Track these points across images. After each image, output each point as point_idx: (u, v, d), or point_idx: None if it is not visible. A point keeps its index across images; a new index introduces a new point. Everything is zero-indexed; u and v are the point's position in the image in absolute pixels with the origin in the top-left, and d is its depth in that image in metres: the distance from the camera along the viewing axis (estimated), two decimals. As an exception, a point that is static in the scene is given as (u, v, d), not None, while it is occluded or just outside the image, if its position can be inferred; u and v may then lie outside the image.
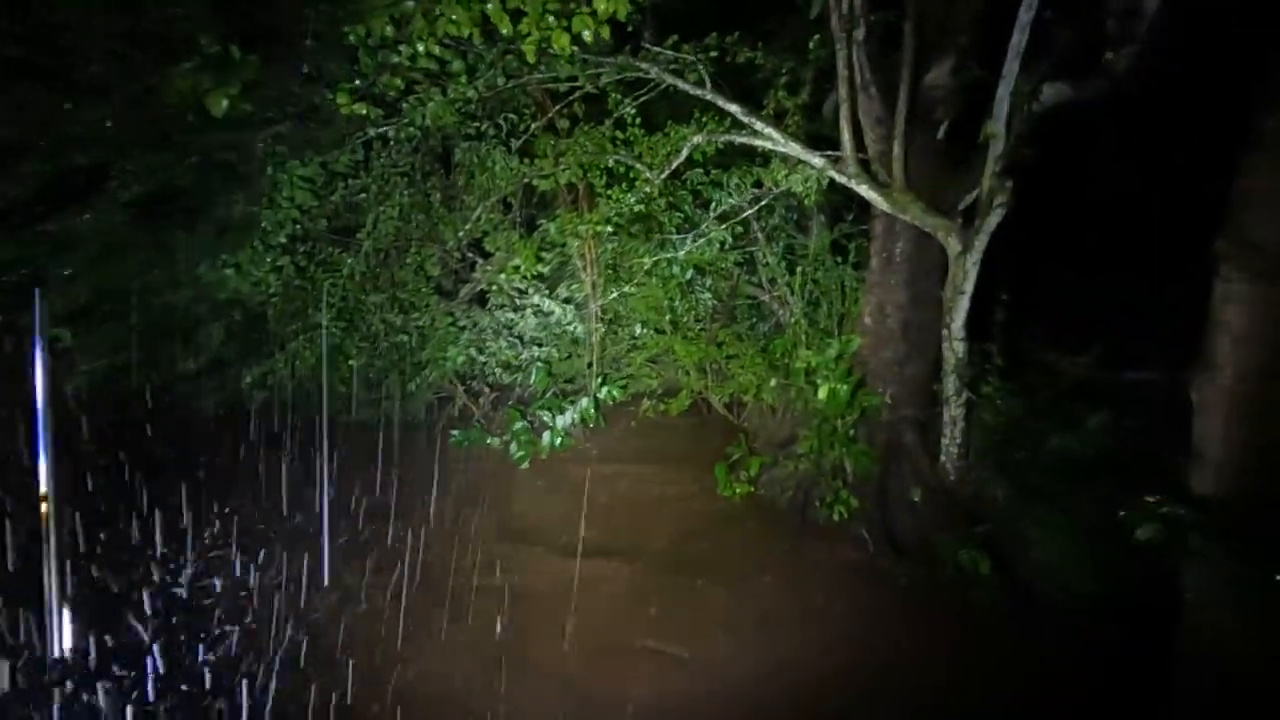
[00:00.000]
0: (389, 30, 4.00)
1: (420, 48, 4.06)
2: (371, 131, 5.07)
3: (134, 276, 4.61)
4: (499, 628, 4.01)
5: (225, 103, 3.72)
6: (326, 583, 4.10)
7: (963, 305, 4.76)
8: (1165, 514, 2.15)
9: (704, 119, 5.30)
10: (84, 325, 4.52)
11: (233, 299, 5.25)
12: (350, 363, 5.89)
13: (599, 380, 6.35)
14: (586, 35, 3.75)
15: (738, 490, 5.52)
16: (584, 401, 6.27)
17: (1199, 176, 3.36)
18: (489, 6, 3.74)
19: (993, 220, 4.54)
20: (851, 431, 5.23)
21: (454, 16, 3.80)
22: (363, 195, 5.46)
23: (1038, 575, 4.45)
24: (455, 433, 6.08)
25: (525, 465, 5.92)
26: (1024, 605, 4.27)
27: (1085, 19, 4.56)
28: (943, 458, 5.10)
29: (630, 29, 4.66)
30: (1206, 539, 2.01)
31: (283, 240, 5.14)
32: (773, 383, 5.91)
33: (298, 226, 5.20)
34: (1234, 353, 3.00)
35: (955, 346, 4.85)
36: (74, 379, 4.57)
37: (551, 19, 3.76)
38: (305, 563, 4.10)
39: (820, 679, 3.80)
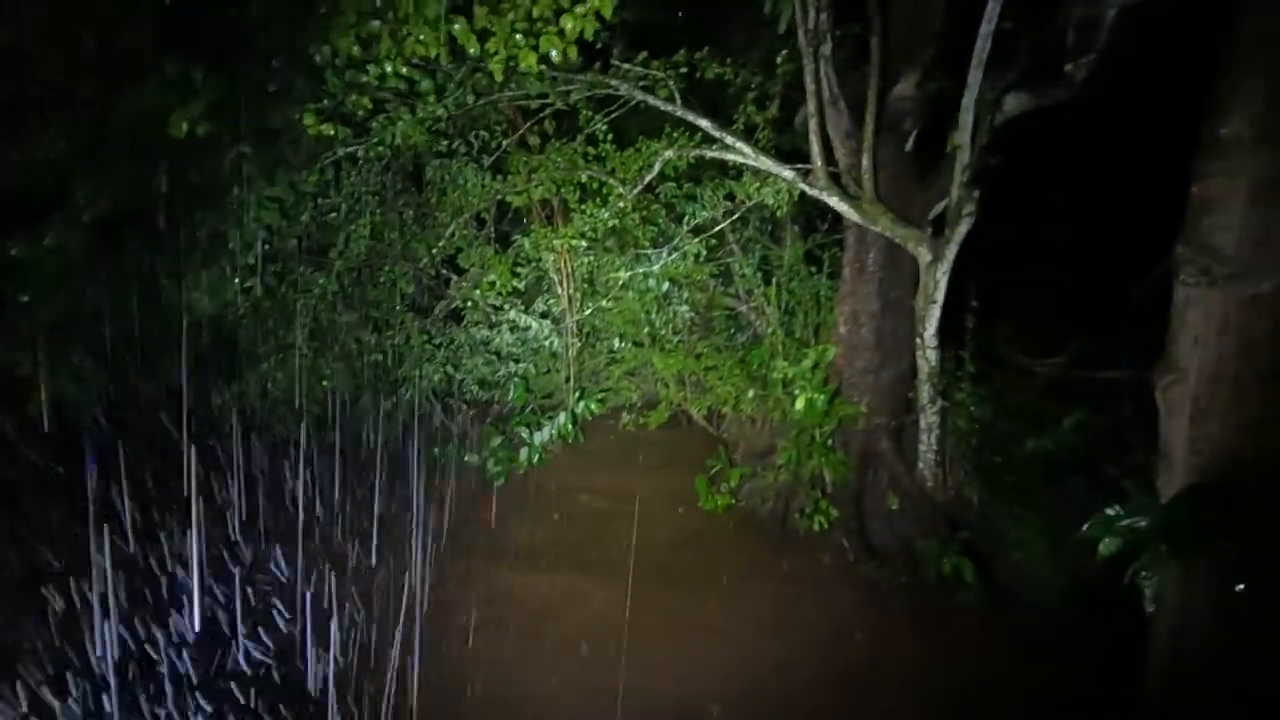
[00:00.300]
0: (356, 50, 3.98)
1: (388, 68, 4.05)
2: (340, 151, 5.04)
3: (97, 299, 4.53)
4: (477, 643, 3.96)
5: (185, 125, 3.68)
6: (297, 605, 4.02)
7: (934, 314, 4.81)
8: (1126, 526, 2.17)
9: (675, 134, 5.34)
10: (46, 349, 4.41)
11: (201, 320, 5.17)
12: (324, 383, 5.82)
13: (577, 395, 6.33)
14: (554, 54, 3.75)
15: (719, 502, 5.52)
16: (562, 416, 6.25)
17: (1161, 177, 3.43)
18: (456, 27, 3.73)
19: (962, 229, 4.60)
20: (829, 441, 5.25)
21: (421, 37, 3.79)
22: (333, 214, 5.42)
23: (1018, 579, 4.50)
24: (436, 449, 6.02)
25: (501, 482, 5.88)
26: (1005, 610, 4.32)
27: (1045, 30, 4.66)
28: (920, 464, 5.14)
29: (599, 46, 4.69)
30: (1167, 551, 2.03)
31: (251, 261, 5.08)
32: (751, 394, 5.93)
33: (266, 247, 5.15)
34: (1196, 356, 3.06)
35: (928, 355, 4.90)
36: (34, 403, 4.46)
37: (519, 38, 3.77)
38: (276, 584, 4.03)
39: (808, 689, 3.81)
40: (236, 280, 5.10)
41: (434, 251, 5.95)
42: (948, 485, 5.08)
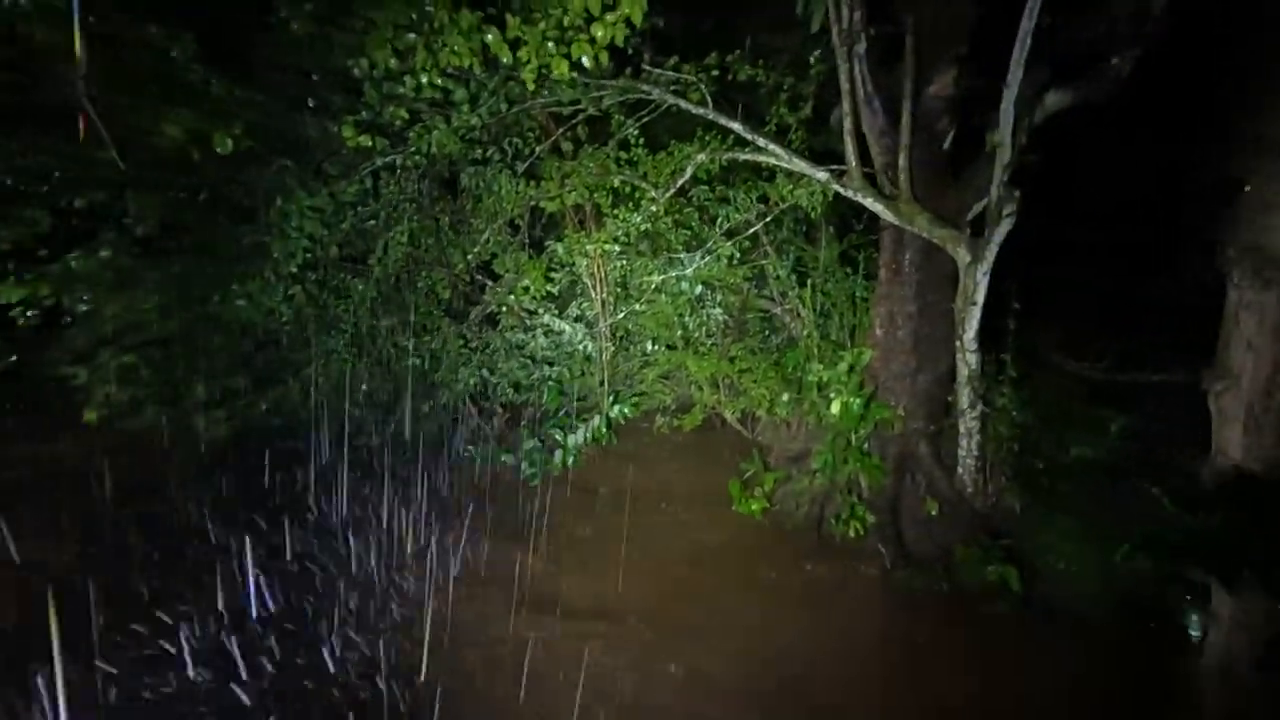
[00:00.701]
0: (393, 63, 4.06)
1: (424, 79, 4.12)
2: (379, 161, 5.15)
3: (147, 310, 4.71)
4: (515, 646, 4.01)
5: (230, 142, 3.81)
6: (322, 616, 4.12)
7: (974, 315, 4.71)
8: (1168, 545, 2.08)
9: (707, 137, 5.32)
10: (100, 360, 4.60)
11: (246, 328, 5.33)
12: (363, 386, 5.95)
13: (611, 398, 6.36)
14: (586, 61, 3.78)
15: (753, 506, 5.48)
16: (596, 419, 6.29)
17: (1205, 176, 3.31)
18: (489, 37, 3.78)
19: (1002, 229, 4.50)
20: (865, 445, 5.19)
21: (455, 47, 3.85)
22: (372, 222, 5.54)
23: (1061, 589, 4.38)
24: (470, 448, 6.11)
25: (536, 483, 5.93)
26: (1047, 620, 4.20)
27: (1087, 24, 4.53)
28: (959, 470, 5.04)
29: (630, 52, 4.70)
30: (1207, 572, 1.95)
31: (293, 270, 5.22)
32: (785, 397, 5.88)
33: (308, 255, 5.28)
34: (1251, 361, 2.95)
35: (968, 358, 4.81)
36: (91, 412, 4.65)
37: (550, 46, 3.80)
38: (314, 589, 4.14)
39: (841, 697, 3.76)
40: (280, 289, 5.25)
41: (469, 257, 6.04)
42: (988, 492, 4.98)
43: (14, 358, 4.47)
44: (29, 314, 4.23)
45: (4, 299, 4.10)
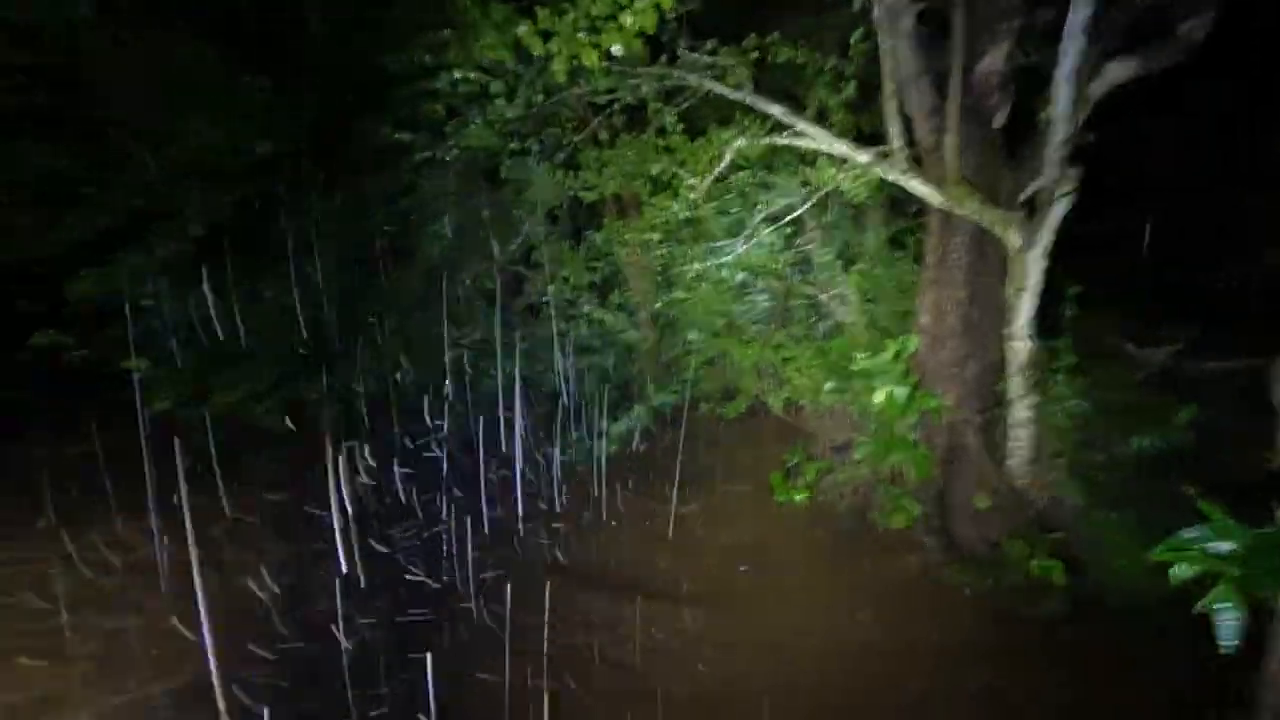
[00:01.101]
0: (427, 59, 4.11)
1: (458, 74, 4.15)
2: (418, 156, 5.22)
3: (201, 305, 4.92)
4: (554, 638, 4.08)
5: (269, 144, 3.94)
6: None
7: (1026, 302, 4.49)
8: (1203, 551, 1.93)
9: (746, 121, 5.20)
10: (160, 352, 4.85)
11: (293, 320, 5.50)
12: (409, 376, 6.10)
13: (653, 386, 6.36)
14: (616, 50, 3.74)
15: (795, 496, 5.41)
16: (638, 407, 6.30)
17: (1271, 157, 3.05)
18: (521, 29, 3.79)
19: (1057, 212, 4.27)
20: (912, 435, 5.04)
21: (488, 41, 3.87)
22: (413, 216, 5.63)
23: (1114, 586, 4.19)
24: (515, 435, 6.20)
25: (577, 470, 5.99)
26: (1097, 619, 4.03)
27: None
28: (1010, 461, 4.85)
29: (665, 39, 4.62)
30: (1242, 585, 1.80)
31: (335, 263, 5.36)
32: (830, 385, 5.75)
33: (353, 247, 5.42)
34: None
35: (1019, 346, 4.60)
36: (157, 401, 4.91)
37: (581, 36, 3.78)
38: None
39: (880, 702, 3.70)
40: (324, 282, 5.39)
41: (510, 248, 6.10)
42: (1041, 484, 4.77)
43: (85, 351, 4.75)
44: (95, 309, 4.48)
45: (73, 294, 4.36)
